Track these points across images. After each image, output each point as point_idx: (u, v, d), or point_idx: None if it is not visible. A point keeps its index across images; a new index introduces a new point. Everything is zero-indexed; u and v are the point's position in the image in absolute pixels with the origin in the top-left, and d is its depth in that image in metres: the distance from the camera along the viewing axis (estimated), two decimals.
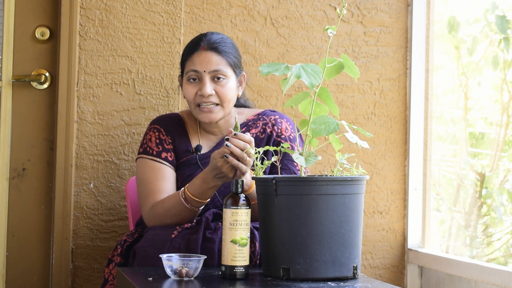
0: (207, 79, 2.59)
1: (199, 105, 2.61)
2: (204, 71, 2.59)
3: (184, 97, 2.68)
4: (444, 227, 3.66)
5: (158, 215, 2.54)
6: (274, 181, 2.15)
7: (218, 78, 2.60)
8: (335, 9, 3.25)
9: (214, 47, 2.61)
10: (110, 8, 3.08)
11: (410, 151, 3.32)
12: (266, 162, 2.27)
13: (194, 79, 2.61)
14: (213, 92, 2.59)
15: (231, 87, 2.62)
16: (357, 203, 2.18)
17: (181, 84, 2.71)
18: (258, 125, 2.71)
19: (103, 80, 3.07)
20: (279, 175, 2.24)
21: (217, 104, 2.61)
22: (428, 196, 3.32)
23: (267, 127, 2.70)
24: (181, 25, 3.13)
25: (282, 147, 2.28)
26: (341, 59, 2.21)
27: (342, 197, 2.15)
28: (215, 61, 2.60)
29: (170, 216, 2.52)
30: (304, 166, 2.17)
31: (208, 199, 2.50)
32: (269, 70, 2.17)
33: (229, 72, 2.62)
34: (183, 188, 2.51)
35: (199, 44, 2.62)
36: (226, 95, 2.60)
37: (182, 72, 2.68)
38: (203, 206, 2.52)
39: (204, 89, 2.58)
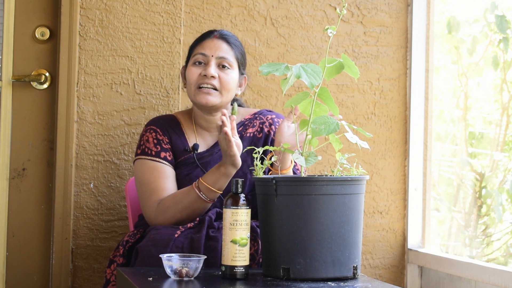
0: (213, 62, 2.65)
1: (199, 87, 2.64)
2: (212, 56, 2.65)
3: (184, 87, 2.71)
4: (444, 227, 3.66)
5: (168, 208, 2.54)
6: (274, 181, 2.15)
7: (224, 66, 2.65)
8: (335, 9, 3.25)
9: (225, 38, 2.69)
10: (110, 8, 3.08)
11: (410, 151, 3.32)
12: (266, 162, 2.27)
13: (200, 63, 2.67)
14: (216, 75, 2.64)
15: (233, 77, 2.67)
16: (357, 203, 2.18)
17: (182, 74, 2.74)
18: (255, 124, 2.73)
19: (103, 80, 3.07)
20: (279, 175, 2.24)
21: (216, 89, 2.64)
22: (428, 196, 3.32)
23: (264, 127, 2.71)
24: (181, 25, 3.13)
25: (283, 147, 2.29)
26: (341, 59, 2.21)
27: (342, 197, 2.15)
28: (224, 48, 2.67)
29: (180, 208, 2.52)
30: (304, 166, 2.17)
31: (221, 191, 2.50)
32: (269, 70, 2.17)
33: (234, 64, 2.68)
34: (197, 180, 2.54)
35: (212, 32, 2.71)
36: (228, 82, 2.65)
37: (187, 60, 2.71)
38: (214, 200, 2.52)
39: (209, 69, 2.63)
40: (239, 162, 2.44)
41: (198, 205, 2.51)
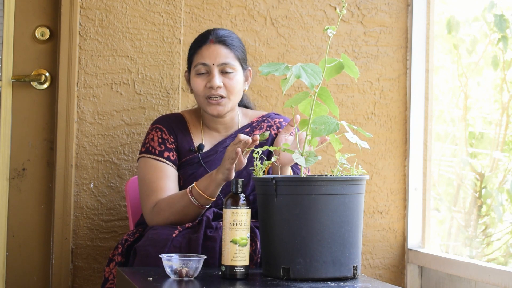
0: (216, 71, 2.63)
1: (208, 98, 2.63)
2: (213, 64, 2.62)
3: (191, 92, 2.70)
4: (444, 227, 3.66)
5: (162, 211, 2.55)
6: (274, 181, 2.15)
7: (227, 72, 2.63)
8: (335, 9, 3.25)
9: (222, 41, 2.65)
10: (110, 8, 3.08)
11: (410, 151, 3.32)
12: (266, 162, 2.27)
13: (203, 73, 2.64)
14: (222, 84, 2.62)
15: (238, 80, 2.65)
16: (357, 203, 2.18)
17: (187, 79, 2.73)
18: (262, 126, 2.73)
19: (103, 80, 3.07)
20: (279, 175, 2.24)
21: (224, 97, 2.63)
22: (428, 196, 3.32)
23: (271, 130, 2.72)
24: (181, 25, 3.13)
25: (283, 147, 2.29)
26: (341, 59, 2.21)
27: (342, 197, 2.15)
28: (223, 54, 2.63)
29: (174, 211, 2.52)
30: (304, 166, 2.17)
31: (213, 198, 2.50)
32: (269, 70, 2.17)
33: (236, 65, 2.65)
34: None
35: (207, 37, 2.66)
36: (234, 87, 2.64)
37: (189, 67, 2.70)
38: (207, 206, 2.52)
39: (213, 80, 2.61)
40: (231, 177, 2.44)
41: (191, 210, 2.51)
